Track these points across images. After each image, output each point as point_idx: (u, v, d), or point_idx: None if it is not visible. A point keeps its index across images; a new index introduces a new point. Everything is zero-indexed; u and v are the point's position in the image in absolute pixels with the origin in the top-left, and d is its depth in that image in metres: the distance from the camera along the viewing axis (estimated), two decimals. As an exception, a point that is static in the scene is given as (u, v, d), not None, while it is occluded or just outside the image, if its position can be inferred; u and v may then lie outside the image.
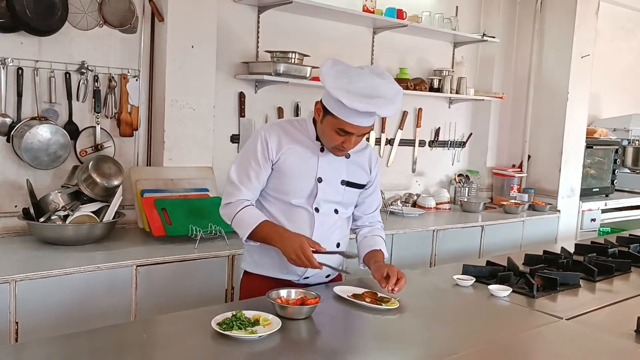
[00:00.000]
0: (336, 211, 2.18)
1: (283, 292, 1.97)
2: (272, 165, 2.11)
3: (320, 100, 2.07)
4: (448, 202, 4.46)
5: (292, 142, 2.12)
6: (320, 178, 2.12)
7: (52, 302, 2.40)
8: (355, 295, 2.10)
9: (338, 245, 2.21)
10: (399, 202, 4.26)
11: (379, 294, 2.10)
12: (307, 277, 2.18)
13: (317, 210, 2.13)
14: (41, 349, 1.65)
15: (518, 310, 2.16)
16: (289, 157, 2.10)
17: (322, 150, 2.13)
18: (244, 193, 2.11)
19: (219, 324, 1.72)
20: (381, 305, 2.03)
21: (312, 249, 1.99)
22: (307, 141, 2.13)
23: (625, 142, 5.63)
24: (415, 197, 4.42)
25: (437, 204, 4.37)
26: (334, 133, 2.03)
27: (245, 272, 2.27)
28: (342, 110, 1.96)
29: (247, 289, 2.23)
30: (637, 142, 5.64)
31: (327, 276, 2.25)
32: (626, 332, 1.96)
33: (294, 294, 1.98)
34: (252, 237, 2.07)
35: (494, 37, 4.59)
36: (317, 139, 2.13)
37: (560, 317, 2.06)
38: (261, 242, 2.08)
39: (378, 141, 4.38)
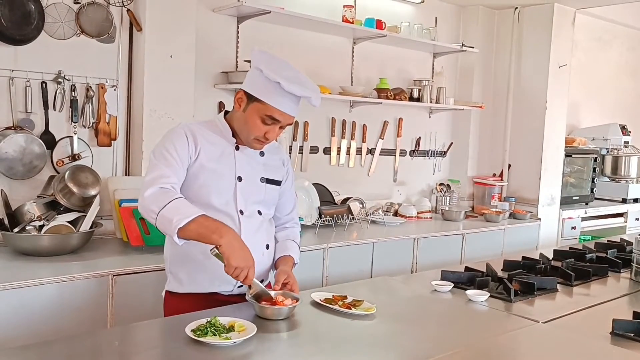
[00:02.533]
0: (260, 212, 2.12)
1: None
2: (190, 163, 2.00)
3: (242, 90, 2.01)
4: (429, 211, 4.47)
5: (207, 141, 2.03)
6: (239, 177, 2.05)
7: (26, 312, 2.36)
8: (327, 300, 2.09)
9: (267, 246, 2.15)
10: (380, 211, 4.26)
11: (349, 297, 2.10)
12: (241, 286, 2.06)
13: (241, 212, 2.05)
14: (16, 357, 1.62)
15: (495, 315, 2.16)
16: (206, 155, 2.01)
17: (237, 148, 2.08)
18: (173, 180, 1.93)
19: (193, 331, 1.71)
20: (354, 308, 2.02)
21: None
22: (221, 140, 2.06)
23: (604, 151, 5.70)
24: (396, 206, 4.43)
25: (418, 212, 4.37)
26: (259, 122, 1.97)
27: (168, 293, 2.13)
28: (274, 96, 1.93)
29: (172, 311, 2.06)
30: (615, 151, 5.70)
31: (261, 281, 2.13)
32: (602, 334, 1.97)
33: (273, 295, 1.98)
34: (187, 229, 1.81)
35: (473, 47, 4.64)
36: (233, 135, 2.07)
37: (537, 321, 2.07)
38: (197, 235, 1.83)
39: (359, 151, 4.39)
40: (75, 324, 2.45)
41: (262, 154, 2.14)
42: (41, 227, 2.78)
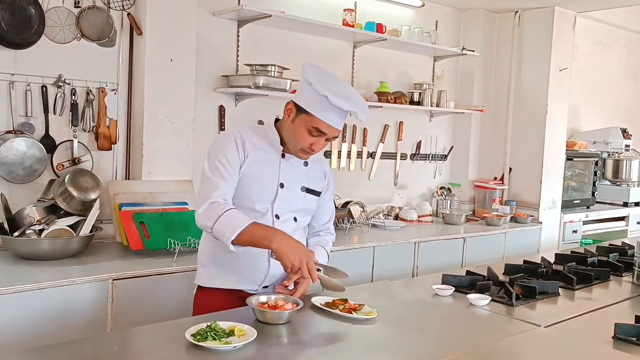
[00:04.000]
0: (295, 219, 2.18)
1: (262, 298, 1.98)
2: (241, 167, 2.09)
3: (292, 101, 2.09)
4: (430, 215, 4.46)
5: (254, 148, 2.11)
6: (282, 183, 2.13)
7: (26, 317, 2.35)
8: (327, 304, 2.09)
9: None
10: (381, 214, 4.26)
11: (350, 301, 2.09)
12: (266, 287, 2.16)
13: (277, 217, 2.12)
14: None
15: (497, 319, 2.15)
16: (252, 161, 2.09)
17: (283, 156, 2.15)
18: (225, 191, 2.04)
19: (193, 335, 1.70)
20: (355, 313, 2.01)
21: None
22: (269, 146, 2.14)
23: (605, 155, 5.69)
24: (397, 210, 4.42)
25: (419, 216, 4.37)
26: (305, 133, 2.04)
27: (199, 288, 2.21)
28: (321, 109, 2.00)
29: (202, 304, 2.17)
30: (616, 155, 5.70)
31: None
32: (604, 338, 1.95)
33: (273, 299, 1.98)
34: (239, 239, 1.94)
35: (473, 51, 4.64)
36: (281, 143, 2.14)
37: (539, 325, 2.06)
38: (250, 243, 1.96)
39: (360, 154, 4.39)
40: (75, 328, 2.44)
41: (306, 163, 2.20)
42: (41, 231, 2.77)
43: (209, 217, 1.98)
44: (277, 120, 2.20)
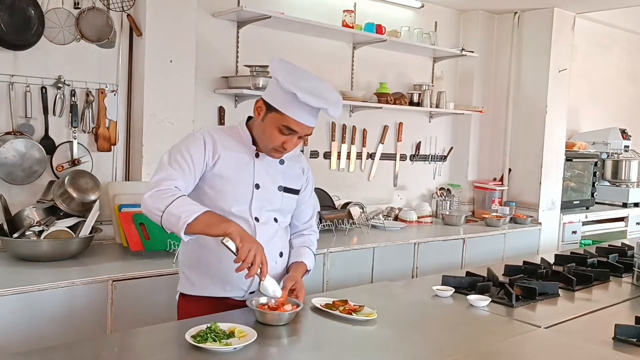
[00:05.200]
0: (275, 220, 2.12)
1: (263, 299, 1.96)
2: (207, 169, 2.00)
3: (262, 98, 2.01)
4: (430, 216, 4.46)
5: (226, 149, 2.03)
6: (257, 184, 2.05)
7: (25, 318, 2.35)
8: (327, 305, 2.08)
9: (281, 254, 2.14)
10: (380, 215, 4.26)
11: (350, 302, 2.09)
12: (253, 292, 2.06)
13: (257, 219, 2.05)
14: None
15: (497, 320, 2.15)
16: (224, 163, 2.01)
17: (257, 155, 2.07)
18: (179, 182, 1.93)
19: (193, 337, 1.70)
20: (355, 314, 2.01)
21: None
22: (242, 147, 2.06)
23: (604, 156, 5.70)
24: (397, 211, 4.42)
25: (418, 217, 4.37)
26: (276, 131, 1.97)
27: (182, 295, 2.14)
28: (290, 107, 1.92)
29: (185, 312, 2.08)
30: (615, 155, 5.70)
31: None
32: (604, 339, 1.96)
33: (273, 301, 1.96)
34: (193, 225, 1.81)
35: (472, 52, 4.64)
36: (253, 143, 2.08)
37: (539, 326, 2.06)
38: (204, 231, 1.82)
39: (359, 155, 4.39)
40: (75, 330, 2.44)
41: (282, 162, 2.13)
42: (41, 232, 2.77)
43: (159, 200, 1.85)
44: (250, 118, 2.12)
